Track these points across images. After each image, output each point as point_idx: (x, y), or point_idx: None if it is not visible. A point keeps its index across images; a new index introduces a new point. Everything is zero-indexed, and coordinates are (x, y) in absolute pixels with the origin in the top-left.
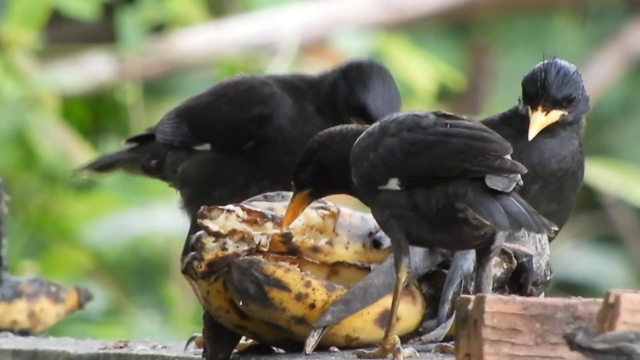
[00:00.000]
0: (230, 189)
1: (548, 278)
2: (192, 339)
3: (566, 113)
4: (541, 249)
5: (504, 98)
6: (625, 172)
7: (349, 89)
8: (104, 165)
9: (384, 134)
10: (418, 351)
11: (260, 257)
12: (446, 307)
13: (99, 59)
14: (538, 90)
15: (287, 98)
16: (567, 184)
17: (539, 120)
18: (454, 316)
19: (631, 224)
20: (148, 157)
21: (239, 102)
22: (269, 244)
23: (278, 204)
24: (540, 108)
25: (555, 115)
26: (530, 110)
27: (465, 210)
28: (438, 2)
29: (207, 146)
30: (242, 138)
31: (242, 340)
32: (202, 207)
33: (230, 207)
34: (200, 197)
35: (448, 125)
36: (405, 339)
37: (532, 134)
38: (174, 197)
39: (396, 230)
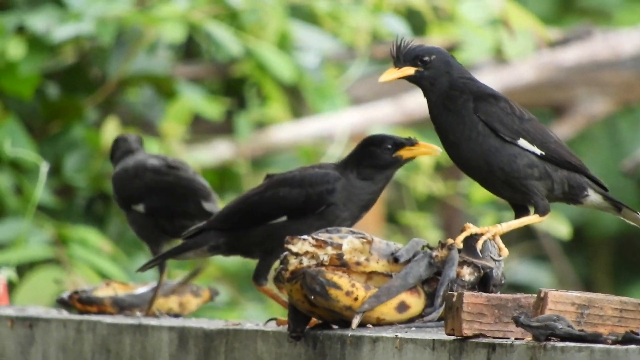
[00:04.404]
0: None
1: (502, 282)
2: (270, 319)
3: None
4: (498, 264)
5: None
6: (552, 217)
7: (376, 142)
8: (175, 253)
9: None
10: (419, 327)
11: (323, 268)
12: (439, 300)
13: (223, 144)
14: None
15: (338, 175)
16: None
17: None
18: (444, 305)
19: (554, 248)
20: (214, 239)
21: (309, 183)
22: (329, 260)
23: (335, 235)
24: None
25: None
26: None
27: None
28: None
29: (284, 218)
30: (317, 205)
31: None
32: (287, 237)
33: (305, 236)
34: (278, 249)
35: None
36: (412, 320)
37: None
38: None
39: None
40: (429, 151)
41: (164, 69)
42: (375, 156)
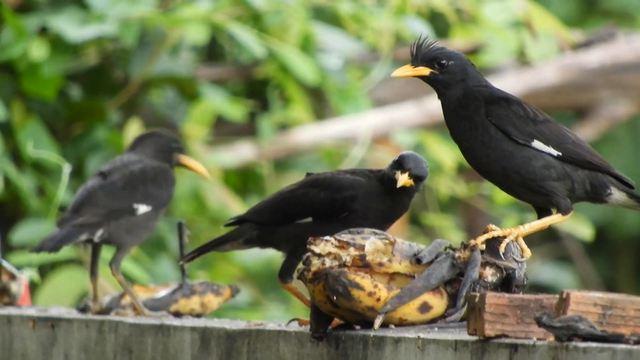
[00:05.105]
0: None
1: (525, 283)
2: (293, 319)
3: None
4: (521, 265)
5: None
6: (574, 219)
7: (395, 159)
8: (214, 245)
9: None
10: (441, 327)
11: (346, 269)
12: (461, 300)
13: (245, 146)
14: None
15: (363, 182)
16: None
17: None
18: (466, 306)
19: (577, 249)
20: (249, 232)
21: (337, 188)
22: (351, 261)
23: (357, 236)
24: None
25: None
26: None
27: None
28: None
29: (309, 219)
30: (340, 211)
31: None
32: (310, 238)
33: (327, 237)
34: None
35: None
36: (435, 320)
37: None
38: None
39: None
40: (404, 182)
41: (187, 70)
42: (388, 169)
